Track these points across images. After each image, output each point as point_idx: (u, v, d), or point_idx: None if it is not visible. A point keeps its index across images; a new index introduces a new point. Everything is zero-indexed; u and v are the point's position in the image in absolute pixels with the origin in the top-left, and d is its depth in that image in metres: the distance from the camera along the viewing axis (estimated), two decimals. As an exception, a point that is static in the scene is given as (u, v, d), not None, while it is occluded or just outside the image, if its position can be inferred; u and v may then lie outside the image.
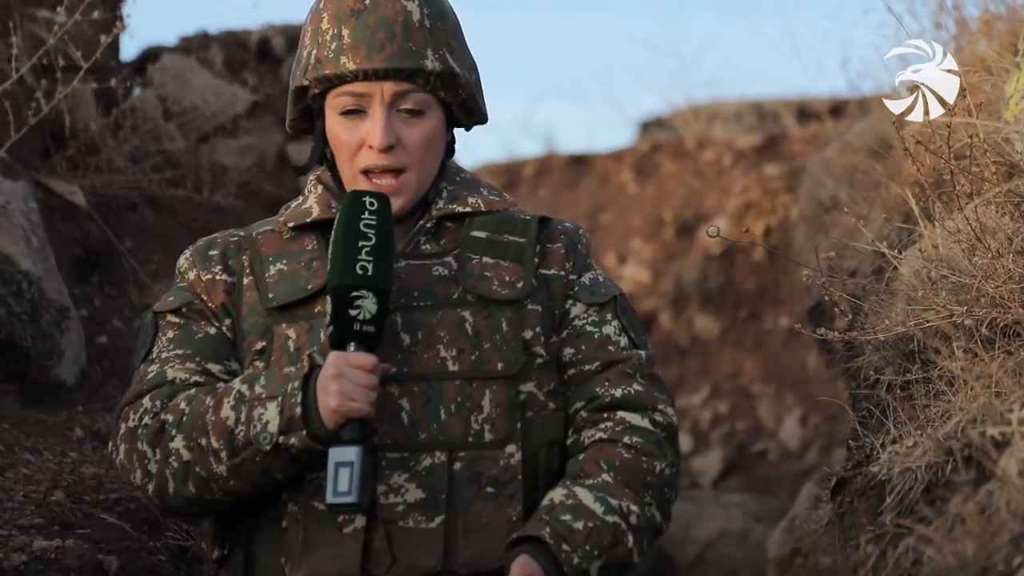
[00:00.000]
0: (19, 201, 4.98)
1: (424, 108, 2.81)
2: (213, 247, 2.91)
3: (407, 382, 2.73)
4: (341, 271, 2.63)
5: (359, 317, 2.62)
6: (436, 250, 2.85)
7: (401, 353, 2.73)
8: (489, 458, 2.72)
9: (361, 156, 2.80)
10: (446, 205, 2.89)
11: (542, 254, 2.90)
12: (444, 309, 2.77)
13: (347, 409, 2.60)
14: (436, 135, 2.84)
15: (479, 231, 2.88)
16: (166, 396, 2.74)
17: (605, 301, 2.89)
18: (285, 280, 2.82)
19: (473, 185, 2.95)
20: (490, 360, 2.75)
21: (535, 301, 2.83)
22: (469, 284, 2.80)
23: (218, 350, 2.82)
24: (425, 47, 2.79)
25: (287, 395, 2.63)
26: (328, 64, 2.78)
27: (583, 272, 2.92)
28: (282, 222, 2.91)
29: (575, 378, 2.83)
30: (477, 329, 2.76)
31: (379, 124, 2.77)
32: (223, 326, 2.84)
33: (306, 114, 2.92)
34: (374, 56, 2.76)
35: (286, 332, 2.78)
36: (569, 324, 2.86)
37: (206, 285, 2.86)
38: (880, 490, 2.70)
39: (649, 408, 2.80)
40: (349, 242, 2.64)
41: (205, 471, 2.68)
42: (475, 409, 2.73)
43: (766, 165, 10.67)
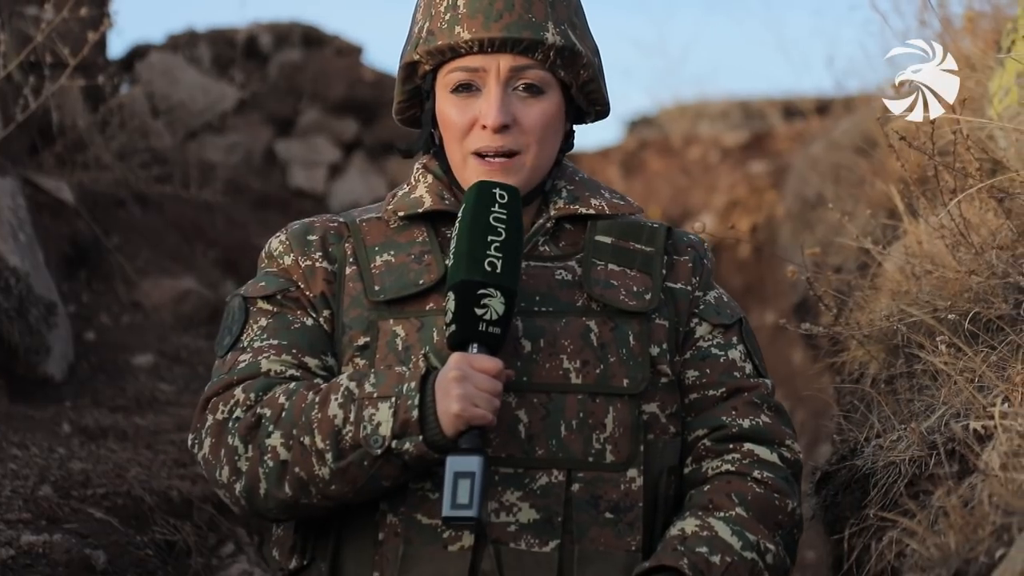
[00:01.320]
0: (7, 198, 4.99)
1: (543, 87, 2.60)
2: (312, 231, 2.68)
3: (526, 392, 2.51)
4: (468, 266, 2.42)
5: (486, 317, 2.40)
6: (556, 253, 2.64)
7: (521, 361, 2.52)
8: (610, 481, 2.50)
9: (472, 136, 2.58)
10: (567, 205, 2.67)
11: (669, 266, 2.68)
12: (568, 316, 2.56)
13: (470, 415, 2.37)
14: (555, 117, 2.62)
15: (603, 236, 2.66)
16: (261, 388, 2.52)
17: (731, 323, 2.69)
18: (393, 272, 2.60)
19: (595, 186, 2.73)
20: (616, 375, 2.54)
21: (662, 315, 2.62)
22: (595, 292, 2.58)
23: (315, 343, 2.60)
24: (546, 19, 2.58)
25: (402, 396, 2.41)
26: (441, 35, 2.57)
27: (708, 289, 2.71)
28: (391, 210, 2.67)
29: (697, 403, 2.62)
30: (603, 340, 2.55)
31: (494, 101, 2.56)
32: (320, 317, 2.61)
33: (415, 96, 2.70)
34: (491, 25, 2.55)
35: (394, 328, 2.55)
36: (693, 344, 2.65)
37: (304, 272, 2.64)
38: (864, 484, 2.72)
39: (777, 443, 2.60)
40: (477, 236, 2.43)
41: (306, 472, 2.45)
42: (597, 427, 2.51)
43: (752, 162, 10.70)
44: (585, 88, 2.67)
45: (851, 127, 6.68)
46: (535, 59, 2.57)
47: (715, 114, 11.85)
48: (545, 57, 2.57)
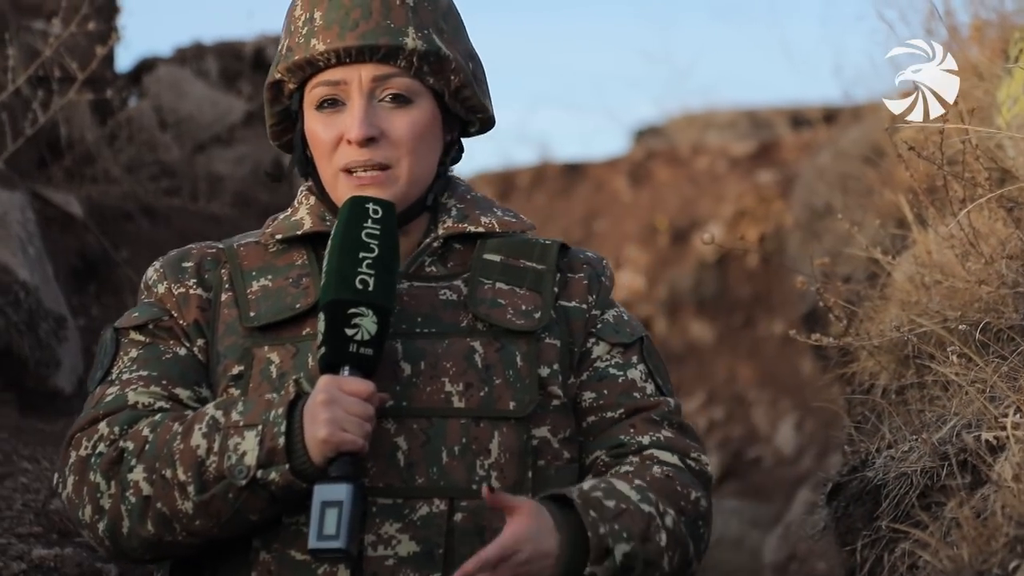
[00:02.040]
0: (16, 211, 5.00)
1: (411, 95, 2.47)
2: (187, 258, 2.55)
3: (405, 418, 2.37)
4: (338, 284, 2.31)
5: (356, 337, 2.29)
6: (443, 272, 2.51)
7: (400, 385, 2.38)
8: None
9: (340, 152, 2.47)
10: (456, 223, 2.55)
11: (562, 284, 2.55)
12: (451, 338, 2.43)
13: (338, 440, 2.25)
14: (427, 126, 2.49)
15: (492, 254, 2.54)
16: (126, 422, 2.38)
17: (631, 342, 2.55)
18: (269, 297, 2.48)
19: (486, 204, 2.62)
20: (501, 398, 2.40)
21: (553, 335, 2.48)
22: (481, 311, 2.45)
23: (187, 373, 2.46)
24: (407, 24, 2.46)
25: (269, 423, 2.28)
26: (299, 50, 2.47)
27: (607, 308, 2.57)
28: (269, 234, 2.56)
29: (595, 425, 2.48)
30: (488, 362, 2.41)
31: (357, 113, 2.44)
32: (195, 347, 2.48)
33: (286, 118, 2.59)
34: (346, 35, 2.44)
35: (268, 356, 2.42)
36: (590, 366, 2.51)
37: (178, 300, 2.51)
38: (876, 495, 2.71)
39: (681, 453, 2.46)
40: (348, 253, 2.33)
41: (168, 507, 2.31)
42: (482, 453, 2.37)
43: (760, 172, 10.70)
44: (459, 95, 2.53)
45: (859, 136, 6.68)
46: (398, 67, 2.46)
47: (722, 124, 11.86)
48: (409, 64, 2.46)
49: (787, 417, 9.54)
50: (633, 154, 12.02)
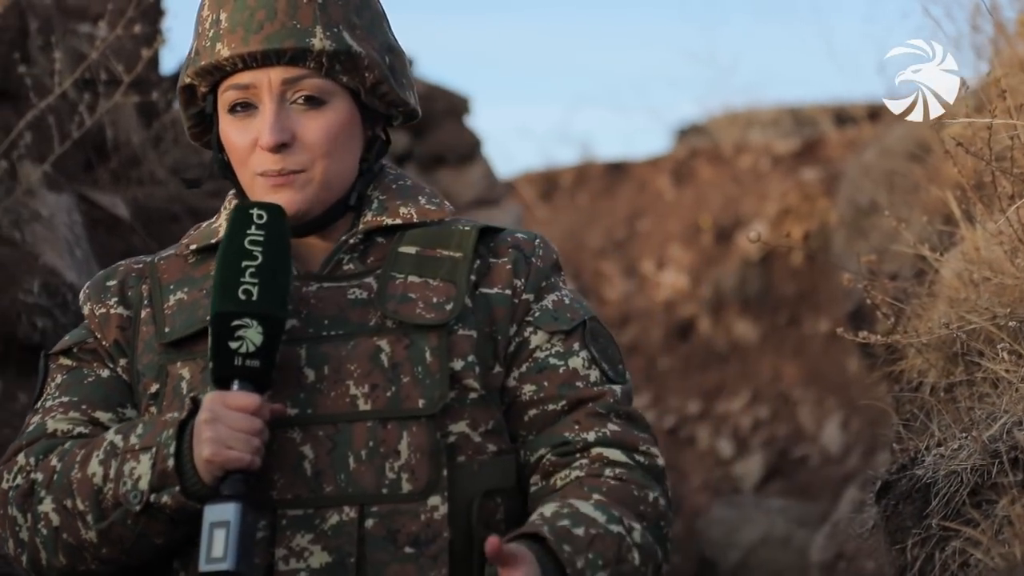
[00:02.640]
0: (63, 214, 5.03)
1: (324, 96, 2.35)
2: (112, 276, 2.47)
3: (311, 425, 2.28)
4: (220, 297, 2.22)
5: (241, 350, 2.21)
6: (360, 269, 2.40)
7: (304, 392, 2.29)
8: (408, 513, 2.26)
9: (255, 158, 2.35)
10: (374, 217, 2.43)
11: (483, 270, 2.42)
12: (357, 338, 2.32)
13: (223, 459, 2.18)
14: (343, 127, 2.38)
15: (408, 246, 2.42)
16: (41, 452, 2.32)
17: (571, 328, 2.41)
18: (184, 311, 2.38)
19: (410, 192, 2.48)
20: (409, 396, 2.29)
21: (468, 325, 2.36)
22: (389, 308, 2.34)
23: (110, 396, 2.38)
24: (313, 24, 2.34)
25: (160, 444, 2.21)
26: (205, 54, 2.36)
27: (544, 293, 2.44)
28: (185, 244, 2.46)
29: (537, 420, 2.37)
30: (395, 360, 2.31)
31: (268, 119, 2.32)
32: (118, 367, 2.41)
33: (203, 120, 2.46)
34: (250, 38, 2.32)
35: (180, 372, 2.34)
36: (529, 356, 2.39)
37: (100, 320, 2.43)
38: (926, 493, 2.70)
39: (629, 447, 2.35)
40: (231, 262, 2.24)
41: (74, 538, 2.26)
42: (390, 455, 2.28)
43: (804, 170, 10.67)
44: (376, 91, 2.40)
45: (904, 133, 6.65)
46: (308, 68, 2.34)
47: (766, 122, 11.83)
48: (319, 64, 2.34)
49: (833, 416, 9.52)
50: (676, 153, 12.00)
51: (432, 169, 8.43)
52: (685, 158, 11.73)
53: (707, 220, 10.83)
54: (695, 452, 9.90)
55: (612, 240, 11.45)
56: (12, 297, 4.58)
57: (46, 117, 4.98)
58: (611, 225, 11.53)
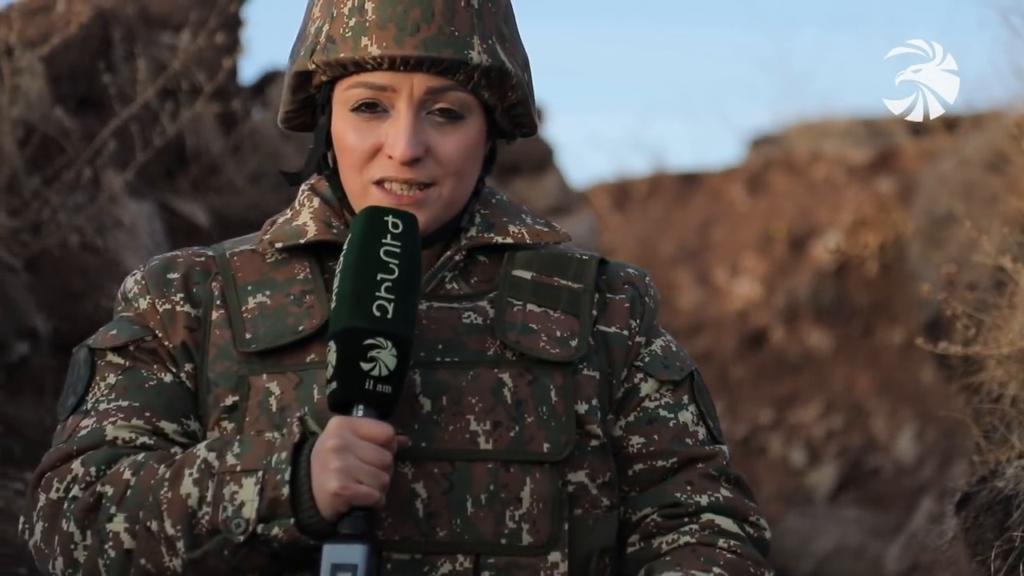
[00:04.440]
0: (144, 221, 5.10)
1: (463, 112, 2.14)
2: (173, 268, 2.20)
3: (425, 461, 2.06)
4: (352, 310, 1.99)
5: (373, 372, 1.97)
6: (466, 291, 2.18)
7: (419, 423, 2.07)
8: (527, 567, 2.05)
9: (376, 164, 2.13)
10: (480, 233, 2.20)
11: (601, 306, 2.21)
12: (477, 368, 2.10)
13: (352, 494, 1.95)
14: (476, 146, 2.16)
15: (523, 270, 2.19)
16: (104, 461, 2.06)
17: (681, 379, 2.22)
18: (268, 317, 2.14)
19: (514, 211, 2.26)
20: (534, 439, 2.08)
21: (592, 366, 2.15)
22: (510, 338, 2.11)
23: (173, 404, 2.13)
24: (471, 33, 2.12)
25: (271, 470, 1.97)
26: (344, 46, 2.11)
27: (653, 336, 2.25)
28: (267, 241, 2.20)
29: (643, 475, 2.17)
30: (519, 397, 2.09)
31: (404, 129, 2.10)
32: (182, 372, 2.14)
33: (307, 105, 2.23)
34: (405, 40, 2.09)
35: (267, 385, 2.09)
36: (638, 405, 2.19)
37: (163, 317, 2.16)
38: (1007, 505, 2.69)
39: (741, 517, 2.17)
40: (365, 273, 2.01)
41: (154, 564, 2.01)
42: (512, 502, 2.06)
43: (879, 180, 10.62)
44: (512, 111, 2.21)
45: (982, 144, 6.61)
46: (456, 80, 2.12)
47: (840, 132, 11.77)
48: (468, 78, 2.12)
49: (907, 426, 9.46)
50: (750, 163, 11.98)
51: (506, 178, 8.46)
52: (758, 168, 11.70)
53: (780, 230, 10.80)
54: (767, 462, 9.87)
55: (685, 249, 11.44)
56: (95, 303, 4.65)
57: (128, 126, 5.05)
58: (684, 234, 11.52)
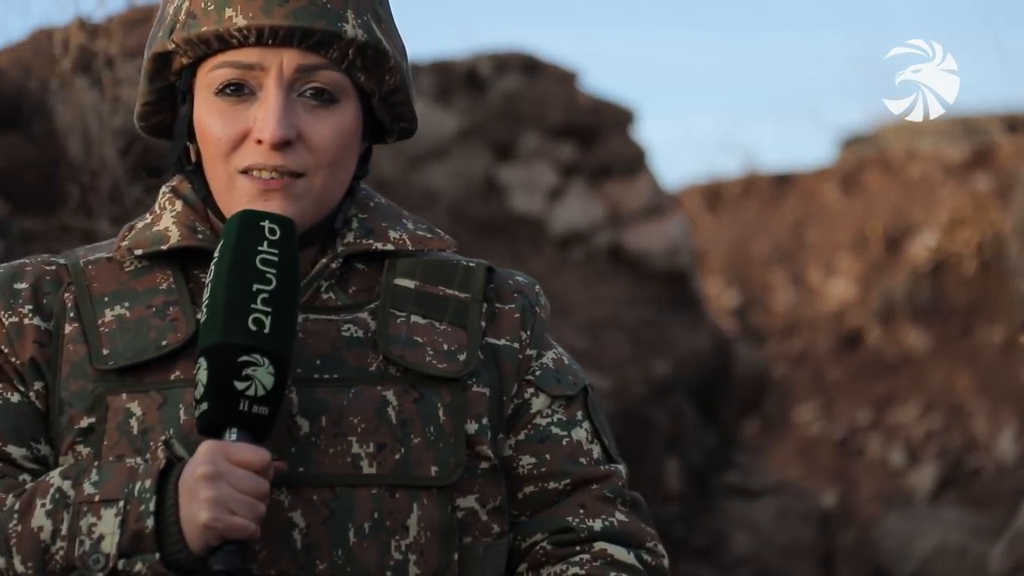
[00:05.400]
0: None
1: (337, 93, 1.95)
2: (21, 278, 1.97)
3: (303, 488, 1.87)
4: (225, 324, 1.79)
5: (248, 392, 1.78)
6: (344, 301, 1.98)
7: (296, 446, 1.87)
8: None
9: (243, 152, 1.92)
10: (359, 239, 2.01)
11: (490, 316, 2.03)
12: (359, 385, 1.91)
13: (225, 526, 1.76)
14: (351, 134, 1.97)
15: (405, 279, 2.00)
16: None
17: (575, 393, 2.04)
18: (127, 331, 1.92)
19: (395, 215, 2.07)
20: (420, 461, 1.90)
21: (482, 382, 1.97)
22: (394, 352, 1.93)
23: (22, 426, 1.90)
24: (344, 7, 1.94)
25: (133, 499, 1.78)
26: (206, 19, 1.90)
27: (544, 348, 2.05)
28: (125, 248, 1.98)
29: (534, 498, 2.00)
30: (404, 416, 1.91)
31: (273, 109, 1.90)
32: (31, 391, 1.92)
33: (167, 97, 2.01)
34: (273, 10, 1.90)
35: (127, 406, 1.88)
36: (529, 423, 2.01)
37: (10, 331, 1.93)
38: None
39: (636, 544, 2.00)
40: (239, 283, 1.81)
41: None
42: (398, 531, 1.89)
43: (975, 178, 10.54)
44: (390, 99, 2.02)
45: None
46: (328, 57, 1.93)
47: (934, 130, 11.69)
48: (342, 56, 1.93)
49: (1007, 426, 9.38)
50: (843, 162, 11.93)
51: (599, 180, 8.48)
52: (852, 167, 11.65)
53: (876, 229, 10.74)
54: (865, 462, 9.82)
55: (778, 250, 11.41)
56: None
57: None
58: (777, 235, 11.48)
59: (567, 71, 8.79)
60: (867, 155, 11.76)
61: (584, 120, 8.54)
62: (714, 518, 7.18)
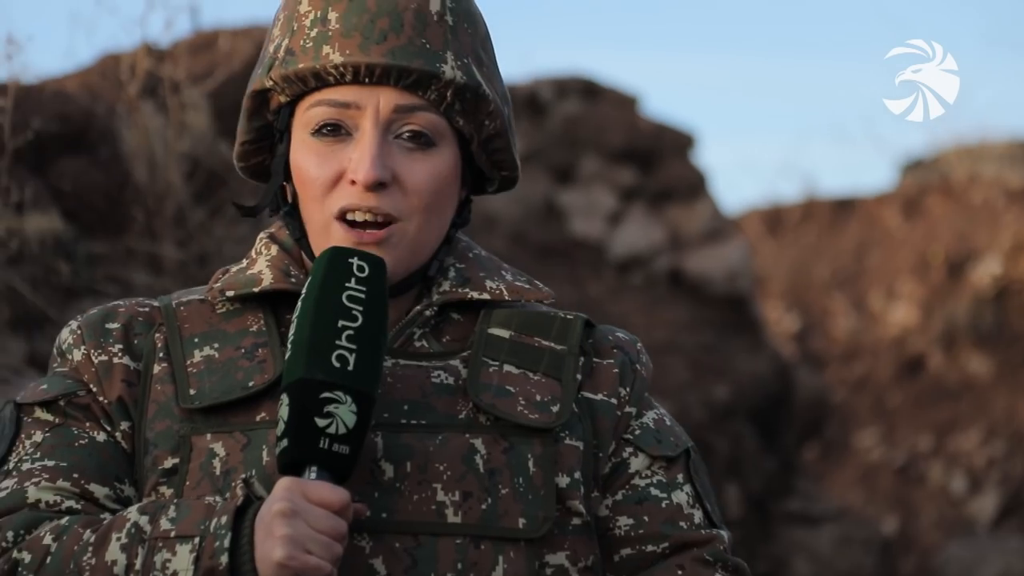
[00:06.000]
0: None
1: (435, 137, 1.91)
2: (112, 318, 1.97)
3: (385, 534, 1.84)
4: (309, 360, 1.77)
5: (329, 430, 1.76)
6: (436, 349, 1.94)
7: (380, 491, 1.84)
8: None
9: (338, 192, 1.90)
10: (454, 288, 1.97)
11: (587, 370, 1.98)
12: (447, 433, 1.88)
13: (300, 565, 1.72)
14: (449, 179, 1.93)
15: (500, 328, 1.96)
16: (23, 525, 1.83)
17: (676, 455, 1.99)
18: (215, 372, 1.91)
19: (493, 266, 2.02)
20: (508, 512, 1.86)
21: (575, 435, 1.92)
22: (484, 400, 1.89)
23: (106, 465, 1.89)
24: (444, 48, 1.90)
25: (209, 535, 1.76)
26: (304, 56, 1.89)
27: (645, 408, 2.01)
28: (217, 290, 1.97)
29: (631, 561, 1.94)
30: (492, 466, 1.87)
31: (369, 149, 1.87)
32: (117, 431, 1.91)
33: (266, 137, 1.99)
34: (371, 48, 1.88)
35: (211, 446, 1.87)
36: (627, 483, 1.96)
37: (98, 370, 1.93)
38: None
39: None
40: (324, 319, 1.79)
41: None
42: None
43: (1039, 203, 10.50)
44: (489, 145, 1.97)
45: None
46: (426, 99, 1.89)
47: (997, 154, 11.63)
48: (440, 97, 1.90)
49: (1071, 454, 9.32)
50: (904, 187, 11.89)
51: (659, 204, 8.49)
52: (914, 192, 11.61)
53: (938, 254, 10.69)
54: (926, 489, 9.76)
55: (839, 275, 11.37)
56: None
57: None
58: (838, 260, 11.45)
59: (627, 95, 8.82)
60: (929, 180, 11.71)
61: (644, 144, 8.55)
62: (774, 545, 7.16)
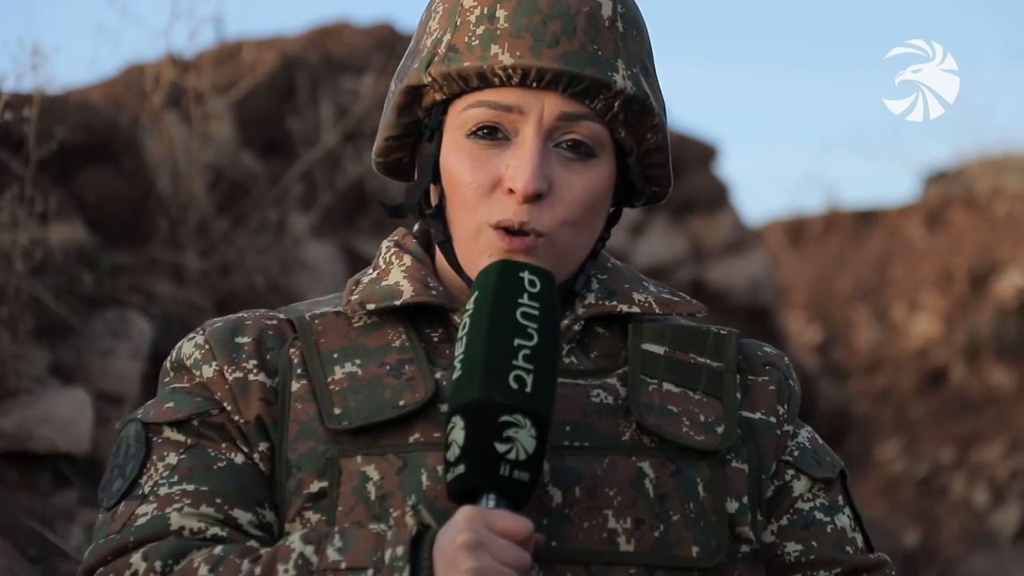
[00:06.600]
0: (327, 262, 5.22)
1: (596, 148, 1.82)
2: (242, 331, 1.86)
3: (556, 563, 1.74)
4: (486, 380, 1.66)
5: (510, 456, 1.65)
6: (587, 366, 1.85)
7: (548, 518, 1.75)
8: None
9: (493, 203, 1.80)
10: (600, 300, 1.88)
11: (743, 388, 1.90)
12: (613, 455, 1.79)
13: None
14: (603, 191, 1.84)
15: (653, 344, 1.87)
16: (170, 555, 1.72)
17: (834, 476, 1.92)
18: (360, 390, 1.80)
19: (634, 277, 1.94)
20: (681, 541, 1.77)
21: (740, 457, 1.84)
22: (648, 421, 1.80)
23: (247, 490, 1.79)
24: (616, 56, 1.81)
25: (384, 567, 1.65)
26: (470, 55, 1.78)
27: (798, 427, 1.93)
28: (356, 302, 1.85)
29: None
30: (662, 491, 1.78)
31: (529, 157, 1.78)
32: (255, 452, 1.81)
33: (412, 133, 1.88)
34: (542, 51, 1.77)
35: (363, 469, 1.76)
36: (791, 507, 1.88)
37: (233, 387, 1.82)
38: None
39: None
40: (499, 337, 1.67)
41: None
42: None
43: (1063, 215, 10.48)
44: (647, 159, 1.89)
45: None
46: (592, 108, 1.80)
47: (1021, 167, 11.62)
48: (607, 107, 1.81)
49: (1094, 467, 9.30)
50: (928, 199, 11.87)
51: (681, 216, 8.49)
52: (937, 204, 11.59)
53: (961, 266, 10.67)
54: (948, 501, 9.74)
55: (862, 287, 11.36)
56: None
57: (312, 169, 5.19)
58: (860, 272, 11.44)
59: (649, 107, 8.85)
60: (952, 192, 11.69)
61: (666, 156, 8.57)
62: (795, 556, 7.15)
